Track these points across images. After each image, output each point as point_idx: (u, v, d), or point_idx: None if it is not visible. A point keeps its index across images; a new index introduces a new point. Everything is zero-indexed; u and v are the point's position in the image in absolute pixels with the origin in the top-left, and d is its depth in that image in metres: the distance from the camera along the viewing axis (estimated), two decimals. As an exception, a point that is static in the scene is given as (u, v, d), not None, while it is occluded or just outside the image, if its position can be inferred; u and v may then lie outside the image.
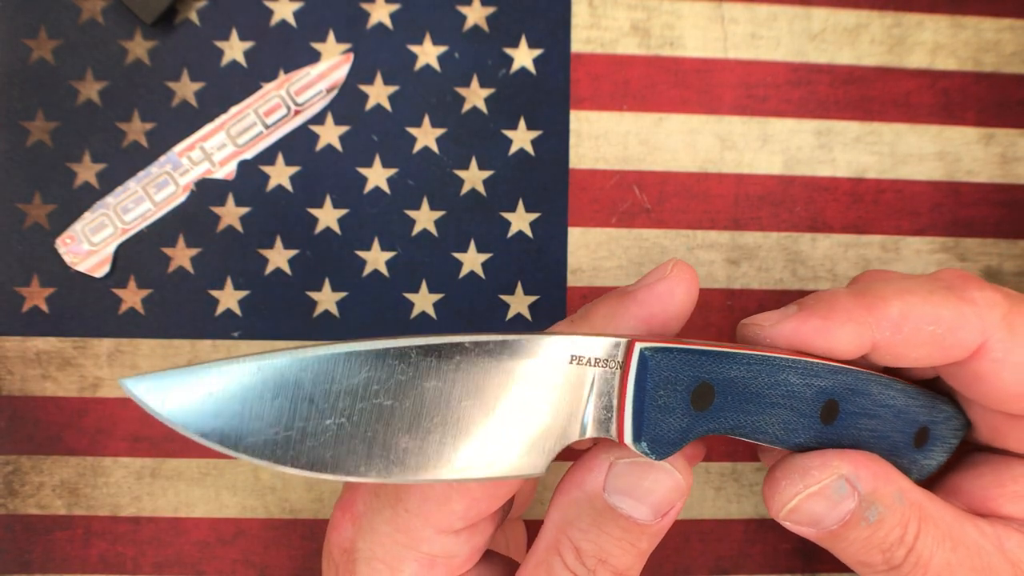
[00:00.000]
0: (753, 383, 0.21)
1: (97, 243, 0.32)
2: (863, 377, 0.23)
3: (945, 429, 0.25)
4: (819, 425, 0.22)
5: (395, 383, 0.18)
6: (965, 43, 0.35)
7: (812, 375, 0.22)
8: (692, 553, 0.34)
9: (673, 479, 0.20)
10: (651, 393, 0.19)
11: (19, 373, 0.32)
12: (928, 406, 0.24)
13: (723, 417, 0.21)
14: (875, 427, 0.23)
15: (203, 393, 0.17)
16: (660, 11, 0.34)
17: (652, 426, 0.20)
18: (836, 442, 0.23)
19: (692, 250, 0.34)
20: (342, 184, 0.33)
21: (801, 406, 0.22)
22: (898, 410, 0.23)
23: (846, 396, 0.22)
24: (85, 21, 0.32)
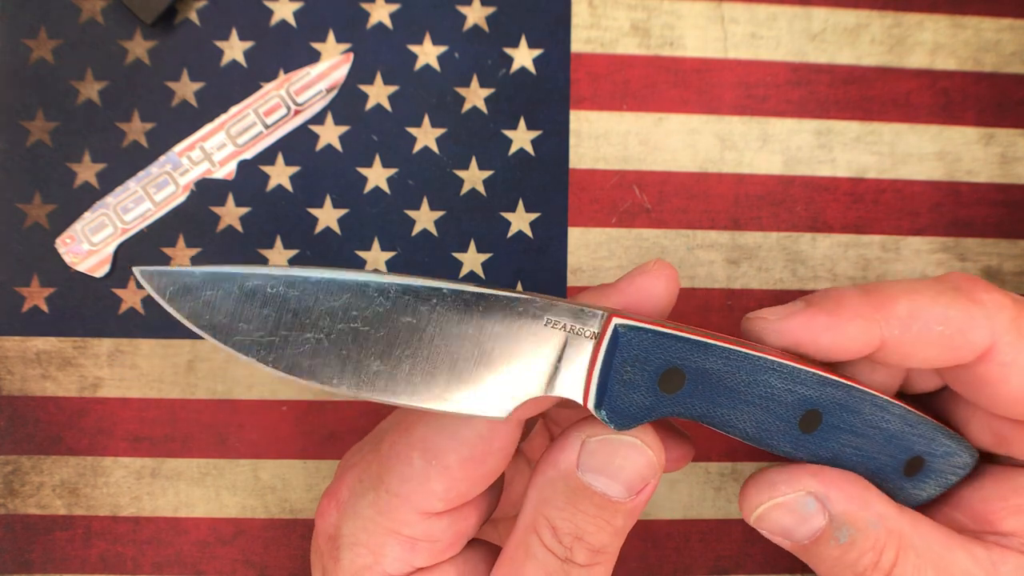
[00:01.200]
0: (729, 378, 0.21)
1: (97, 243, 0.32)
2: (856, 394, 0.22)
3: (944, 464, 0.24)
4: (797, 432, 0.22)
5: (372, 313, 0.20)
6: (965, 43, 0.35)
7: (796, 381, 0.21)
8: (692, 553, 0.34)
9: (645, 457, 0.21)
10: (618, 367, 0.20)
11: (19, 373, 0.32)
12: (927, 437, 0.24)
13: (691, 404, 0.21)
14: (860, 446, 0.23)
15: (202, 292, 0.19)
16: (660, 11, 0.34)
17: (614, 398, 0.20)
18: (814, 452, 0.22)
19: (692, 250, 0.34)
20: (342, 184, 0.33)
21: (779, 410, 0.21)
22: (890, 434, 0.23)
23: (832, 409, 0.22)
24: (85, 21, 0.32)
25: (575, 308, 0.20)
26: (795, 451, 0.22)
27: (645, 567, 0.33)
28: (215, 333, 0.19)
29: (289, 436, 0.33)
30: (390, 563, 0.22)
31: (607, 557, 0.21)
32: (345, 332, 0.19)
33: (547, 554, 0.21)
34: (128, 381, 0.32)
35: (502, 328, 0.20)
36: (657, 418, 0.21)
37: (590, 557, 0.21)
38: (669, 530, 0.34)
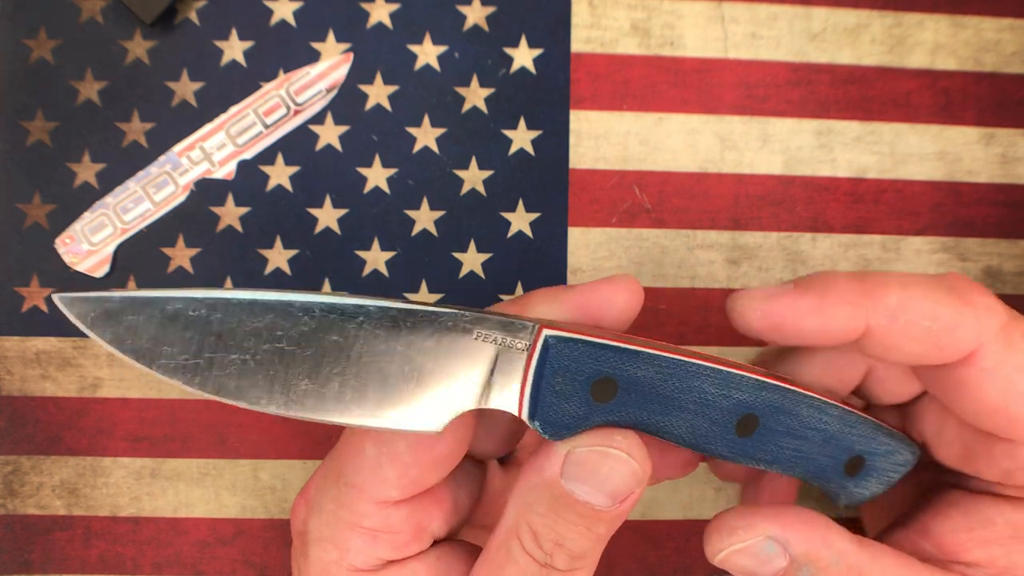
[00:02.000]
0: (662, 385, 0.21)
1: (97, 243, 0.32)
2: (793, 397, 0.22)
3: (885, 462, 0.24)
4: (734, 437, 0.22)
5: (297, 332, 0.20)
6: (965, 43, 0.35)
7: (731, 387, 0.21)
8: (692, 553, 0.34)
9: (630, 467, 0.21)
10: (548, 379, 0.20)
11: (19, 373, 0.32)
12: (868, 436, 0.24)
13: (625, 412, 0.21)
14: (799, 448, 0.23)
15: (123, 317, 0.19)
16: (660, 11, 0.34)
17: (546, 409, 0.20)
18: (752, 456, 0.22)
19: (692, 250, 0.34)
20: (342, 184, 0.33)
21: (715, 415, 0.21)
22: (829, 435, 0.23)
23: (769, 413, 0.22)
24: (85, 21, 0.32)
25: (505, 321, 0.20)
26: (733, 455, 0.22)
27: (645, 567, 0.33)
28: (139, 357, 0.19)
29: (289, 436, 0.33)
30: (354, 556, 0.22)
31: (587, 563, 0.22)
32: (271, 352, 0.19)
33: (527, 559, 0.21)
34: (128, 381, 0.32)
35: (432, 343, 0.20)
36: (591, 427, 0.21)
37: (570, 563, 0.21)
38: (669, 530, 0.33)
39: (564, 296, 0.23)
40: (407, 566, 0.23)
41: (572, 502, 0.21)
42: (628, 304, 0.22)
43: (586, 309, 0.22)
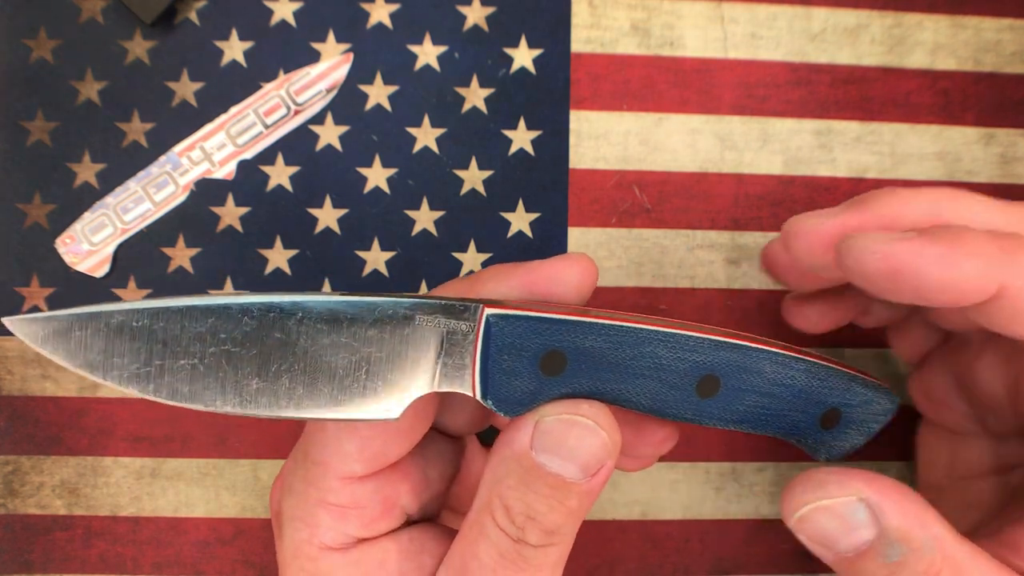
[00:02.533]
0: (613, 354, 0.21)
1: (97, 243, 0.32)
2: (754, 354, 0.22)
3: (862, 413, 0.24)
4: (696, 399, 0.22)
5: (240, 333, 0.20)
6: (965, 43, 0.35)
7: (686, 349, 0.21)
8: (692, 553, 0.34)
9: (599, 438, 0.20)
10: (495, 357, 0.21)
11: (19, 373, 0.32)
12: (841, 388, 0.23)
13: (577, 383, 0.21)
14: (767, 405, 0.22)
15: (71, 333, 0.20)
16: (660, 11, 0.34)
17: (497, 387, 0.21)
18: (718, 417, 0.22)
19: (692, 250, 0.34)
20: (342, 184, 0.33)
21: (672, 379, 0.21)
22: (798, 390, 0.22)
23: (730, 372, 0.22)
24: (85, 21, 0.32)
25: (447, 304, 0.21)
26: (697, 418, 0.22)
27: (645, 567, 0.33)
28: (92, 371, 0.20)
29: (289, 436, 0.33)
30: (324, 533, 0.22)
31: (561, 539, 0.21)
32: (217, 355, 0.20)
33: (500, 534, 0.21)
34: (128, 381, 0.32)
35: (375, 332, 0.20)
36: (545, 400, 0.21)
37: (543, 538, 0.21)
38: (669, 530, 0.34)
39: (514, 273, 0.23)
40: (379, 544, 0.23)
41: (543, 474, 0.20)
42: (580, 280, 0.22)
43: (536, 285, 0.22)
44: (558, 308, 0.21)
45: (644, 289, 0.34)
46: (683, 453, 0.34)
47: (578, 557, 0.33)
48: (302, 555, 0.22)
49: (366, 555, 0.22)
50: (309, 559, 0.22)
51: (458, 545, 0.22)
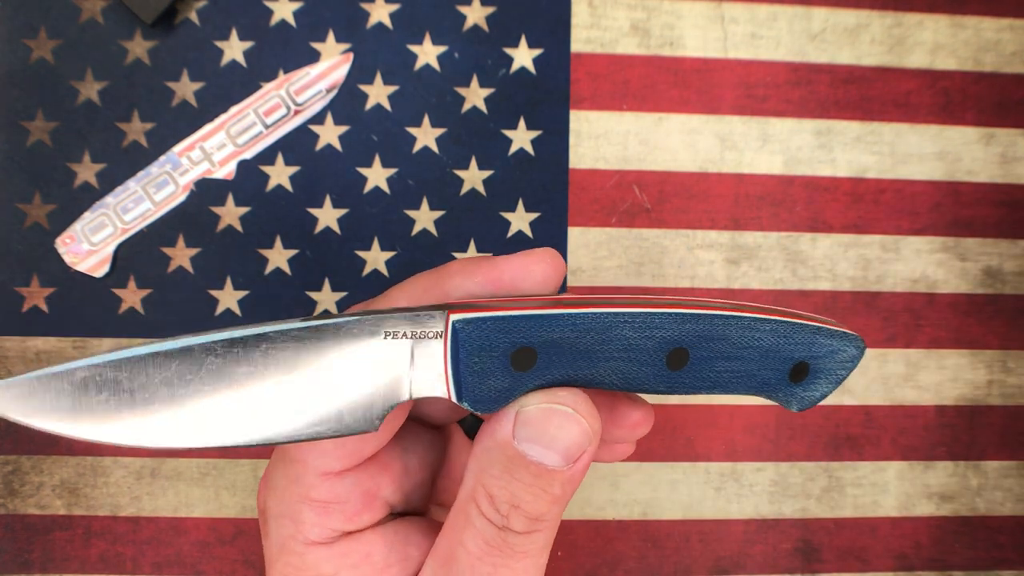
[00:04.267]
0: (581, 342, 0.21)
1: (97, 243, 0.32)
2: (720, 322, 0.22)
3: (830, 363, 0.24)
4: (667, 372, 0.22)
5: (207, 372, 0.20)
6: (965, 43, 0.35)
7: (652, 327, 0.22)
8: (692, 553, 0.34)
9: (579, 426, 0.21)
10: (465, 360, 0.21)
11: (19, 373, 0.32)
12: (805, 343, 0.24)
13: (550, 374, 0.21)
14: (736, 368, 0.23)
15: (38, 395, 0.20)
16: (660, 11, 0.34)
17: (471, 389, 0.21)
18: (690, 386, 0.23)
19: (692, 250, 0.34)
20: (342, 184, 0.33)
21: (642, 357, 0.22)
22: (765, 350, 0.23)
23: (697, 343, 0.22)
24: (85, 21, 0.32)
25: (411, 316, 0.21)
26: (670, 389, 0.23)
27: (645, 567, 0.33)
28: (65, 428, 0.20)
29: (289, 436, 0.33)
30: (309, 529, 0.22)
31: (546, 525, 0.22)
32: (187, 395, 0.20)
33: (485, 522, 0.21)
34: (128, 381, 0.32)
35: (343, 353, 0.21)
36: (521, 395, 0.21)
37: (528, 525, 0.21)
38: (669, 530, 0.34)
39: (480, 269, 0.23)
40: (363, 538, 0.23)
41: (525, 463, 0.21)
42: (545, 276, 0.23)
43: (501, 282, 0.23)
44: (524, 303, 0.21)
45: (644, 289, 0.34)
46: (683, 453, 0.34)
47: (579, 556, 0.33)
48: (288, 551, 0.22)
49: (351, 548, 0.23)
50: (295, 554, 0.22)
51: (444, 534, 0.22)
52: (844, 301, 0.34)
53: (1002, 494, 0.35)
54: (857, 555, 0.34)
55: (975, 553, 0.35)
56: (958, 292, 0.35)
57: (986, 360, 0.35)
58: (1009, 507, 0.35)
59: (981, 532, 0.35)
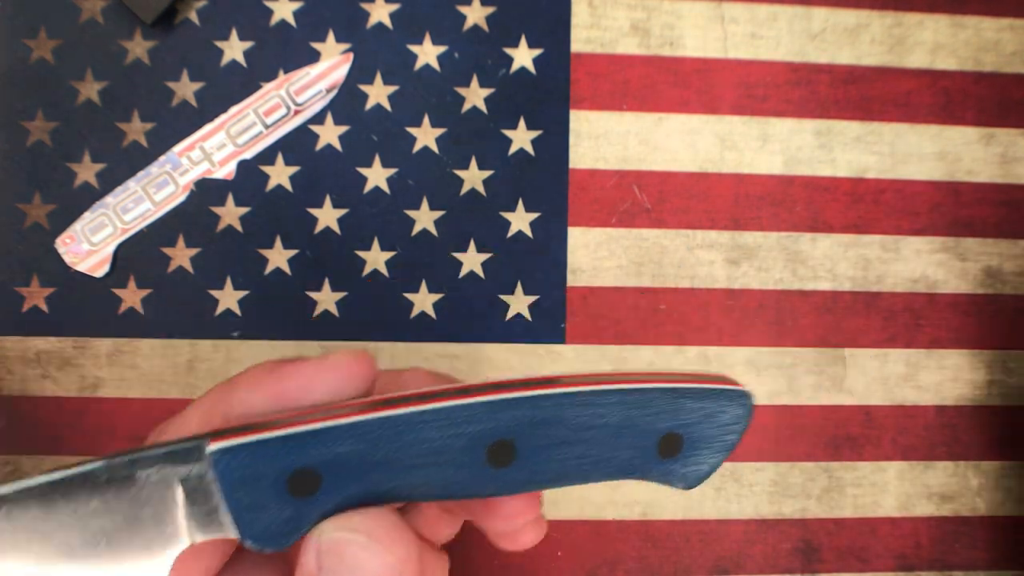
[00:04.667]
0: (373, 453, 0.18)
1: (97, 243, 0.32)
2: (545, 403, 0.19)
3: (708, 429, 0.21)
4: (491, 471, 0.19)
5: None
6: (965, 43, 0.35)
7: (458, 423, 0.18)
8: (692, 553, 0.34)
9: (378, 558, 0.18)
10: (229, 494, 0.18)
11: (19, 373, 0.32)
12: (669, 410, 0.20)
13: (340, 495, 0.18)
14: (584, 454, 0.20)
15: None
16: (660, 11, 0.34)
17: (248, 525, 0.18)
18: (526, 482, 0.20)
19: (692, 250, 0.34)
20: (342, 184, 0.33)
21: (454, 459, 0.19)
22: (616, 428, 0.20)
23: (523, 432, 0.19)
24: (85, 21, 0.32)
25: (167, 451, 0.18)
26: (500, 490, 0.20)
27: (645, 567, 0.33)
28: None
29: (289, 436, 0.33)
30: None
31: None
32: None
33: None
34: (128, 381, 0.32)
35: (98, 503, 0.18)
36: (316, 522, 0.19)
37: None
38: (669, 530, 0.34)
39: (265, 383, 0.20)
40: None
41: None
42: (338, 386, 0.20)
43: (287, 395, 0.20)
44: (301, 418, 0.18)
45: (644, 289, 0.34)
46: (683, 453, 0.34)
47: (579, 557, 0.33)
48: None
49: None
50: None
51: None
52: (844, 301, 0.34)
53: (1002, 494, 0.35)
54: (857, 555, 0.34)
55: (975, 553, 0.35)
56: (958, 292, 0.35)
57: (986, 360, 0.35)
58: (1009, 507, 0.35)
59: (981, 532, 0.35)
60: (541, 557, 0.33)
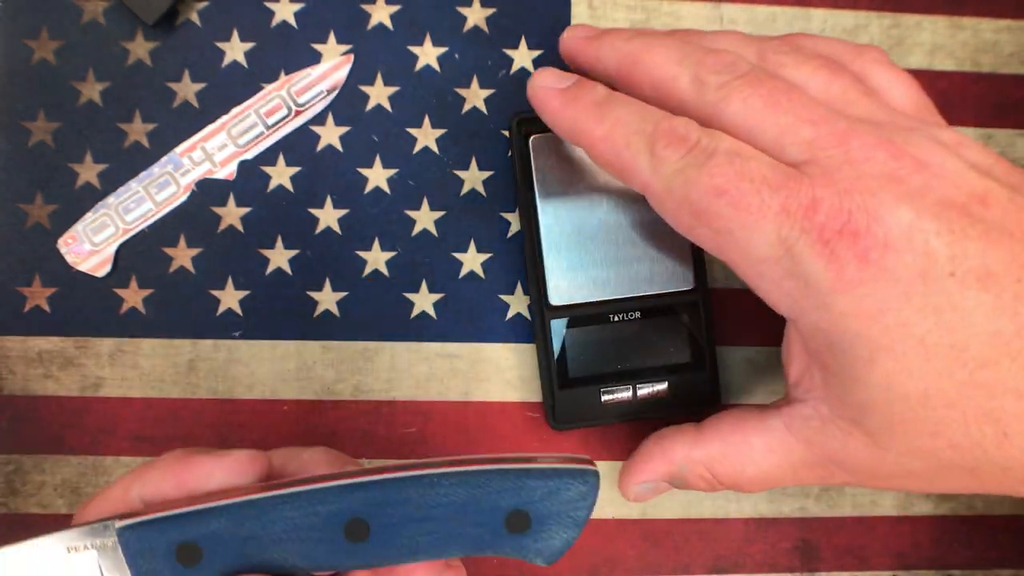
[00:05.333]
0: (243, 529, 0.21)
1: (99, 243, 0.32)
2: (392, 486, 0.21)
3: (553, 505, 0.22)
4: (349, 546, 0.22)
5: None
6: (963, 44, 0.35)
7: (313, 504, 0.21)
8: (691, 552, 0.34)
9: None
10: (133, 563, 0.22)
11: (21, 372, 0.32)
12: (512, 489, 0.22)
13: (221, 565, 0.22)
14: (434, 530, 0.22)
15: None
16: (660, 11, 0.34)
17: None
18: (383, 556, 0.22)
19: (691, 250, 0.34)
20: (342, 184, 0.33)
21: (314, 535, 0.22)
22: (460, 506, 0.21)
23: (375, 512, 0.21)
24: (86, 22, 0.32)
25: (89, 528, 0.22)
26: (358, 564, 0.22)
27: (644, 566, 0.33)
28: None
29: (290, 436, 0.33)
30: None
31: None
32: None
33: None
34: (130, 380, 0.32)
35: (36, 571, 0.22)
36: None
37: None
38: (668, 529, 0.34)
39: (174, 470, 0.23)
40: None
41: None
42: (232, 478, 0.23)
43: (186, 485, 0.23)
44: (188, 501, 0.22)
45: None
46: (682, 452, 0.34)
47: (578, 555, 0.33)
48: None
49: None
50: None
51: None
52: (843, 301, 0.34)
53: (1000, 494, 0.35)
54: (856, 554, 0.34)
55: (974, 552, 0.35)
56: (956, 292, 0.35)
57: (984, 360, 0.35)
58: (1008, 506, 0.35)
59: (980, 531, 0.35)
60: (541, 556, 0.33)
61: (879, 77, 0.27)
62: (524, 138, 0.31)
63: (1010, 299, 0.22)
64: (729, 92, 0.25)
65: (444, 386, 0.33)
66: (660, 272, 0.31)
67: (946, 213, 0.22)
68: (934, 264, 0.22)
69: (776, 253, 0.23)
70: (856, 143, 0.23)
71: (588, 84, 0.27)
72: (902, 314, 0.22)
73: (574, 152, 0.31)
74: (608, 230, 0.31)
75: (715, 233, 0.24)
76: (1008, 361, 0.22)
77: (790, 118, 0.24)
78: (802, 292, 0.23)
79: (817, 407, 0.25)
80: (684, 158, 0.24)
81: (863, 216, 0.22)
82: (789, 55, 0.26)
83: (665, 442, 0.28)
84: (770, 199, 0.23)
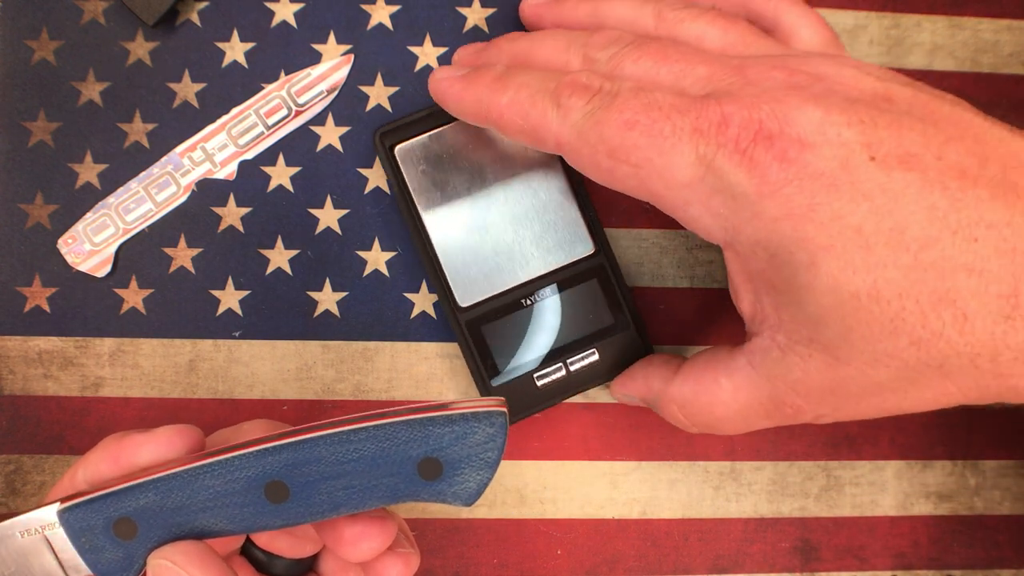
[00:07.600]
0: (170, 500, 0.23)
1: (99, 243, 0.32)
2: (304, 446, 0.22)
3: (463, 450, 0.22)
4: (272, 507, 0.23)
5: None
6: (963, 44, 0.35)
7: (231, 471, 0.22)
8: (691, 552, 0.34)
9: None
10: (76, 541, 0.23)
11: (21, 372, 0.32)
12: (419, 437, 0.22)
13: (157, 536, 0.23)
14: (350, 484, 0.22)
15: None
16: (659, 12, 0.34)
17: (95, 565, 0.23)
18: (305, 514, 0.23)
19: (692, 250, 0.34)
20: (342, 184, 0.33)
21: (236, 500, 0.22)
22: (371, 459, 0.22)
23: (291, 473, 0.22)
24: (87, 22, 0.32)
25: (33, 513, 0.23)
26: (285, 523, 0.23)
27: (644, 566, 0.34)
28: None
29: (290, 435, 0.33)
30: None
31: None
32: None
33: None
34: (130, 381, 0.32)
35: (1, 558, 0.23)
36: (144, 559, 0.23)
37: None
38: (668, 529, 0.34)
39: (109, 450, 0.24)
40: None
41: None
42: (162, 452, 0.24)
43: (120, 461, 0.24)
44: (120, 481, 0.23)
45: (644, 289, 0.34)
46: (682, 453, 0.34)
47: (578, 555, 0.33)
48: None
49: None
50: None
51: None
52: (843, 301, 0.34)
53: (1000, 493, 0.35)
54: (856, 554, 0.34)
55: (973, 552, 0.35)
56: (956, 292, 0.35)
57: (984, 360, 0.35)
58: (1007, 506, 0.35)
59: (979, 531, 0.35)
60: (541, 556, 0.33)
61: (788, 17, 0.28)
62: (389, 150, 0.31)
63: (936, 175, 0.22)
64: (620, 60, 0.26)
65: (444, 386, 0.33)
66: (558, 245, 0.31)
67: (853, 107, 0.23)
68: (852, 152, 0.22)
69: (698, 173, 0.23)
70: (752, 71, 0.24)
71: (486, 66, 0.28)
72: (833, 206, 0.22)
73: (442, 151, 0.31)
74: (496, 219, 0.31)
75: (635, 168, 0.24)
76: (950, 235, 0.22)
77: (682, 64, 0.25)
78: (731, 207, 0.23)
79: (774, 336, 0.25)
80: (591, 102, 0.25)
81: (774, 121, 0.23)
82: (685, 10, 0.27)
83: (649, 369, 0.30)
84: (681, 122, 0.23)
